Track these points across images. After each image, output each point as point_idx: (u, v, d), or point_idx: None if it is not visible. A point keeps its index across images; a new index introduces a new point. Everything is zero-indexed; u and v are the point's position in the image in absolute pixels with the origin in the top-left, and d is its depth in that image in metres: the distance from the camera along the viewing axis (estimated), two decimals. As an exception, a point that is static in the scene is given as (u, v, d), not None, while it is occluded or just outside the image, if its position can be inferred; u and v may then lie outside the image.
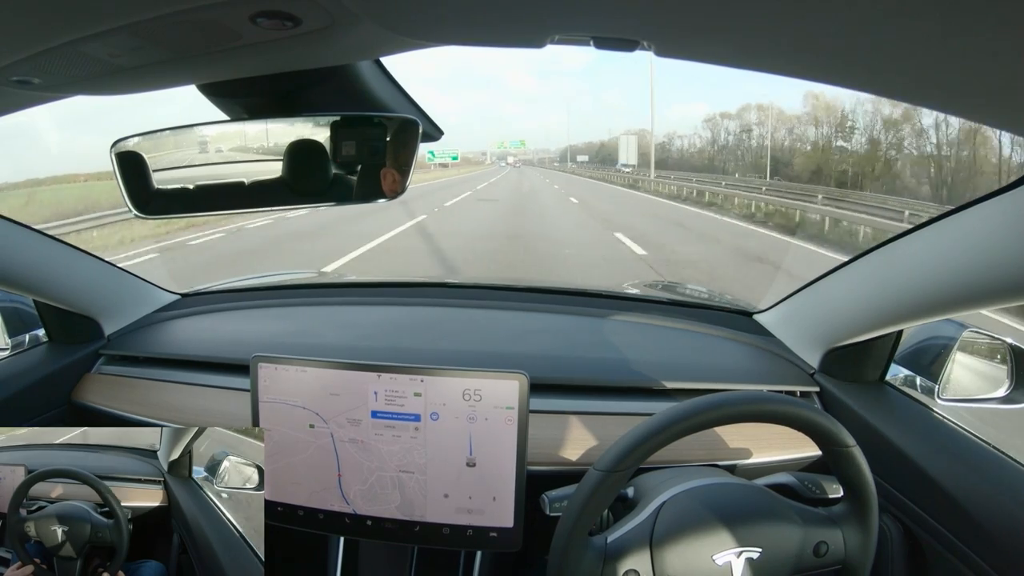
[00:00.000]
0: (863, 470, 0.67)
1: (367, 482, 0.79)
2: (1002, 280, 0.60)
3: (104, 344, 1.14)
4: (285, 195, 0.71)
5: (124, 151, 0.69)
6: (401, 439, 0.78)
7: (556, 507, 0.73)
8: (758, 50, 0.44)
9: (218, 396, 1.02)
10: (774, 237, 9.90)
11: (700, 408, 0.65)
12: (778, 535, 0.67)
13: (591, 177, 35.94)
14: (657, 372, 1.02)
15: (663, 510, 0.68)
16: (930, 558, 0.79)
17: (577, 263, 6.62)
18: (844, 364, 0.97)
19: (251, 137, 0.70)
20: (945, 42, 0.35)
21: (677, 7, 0.38)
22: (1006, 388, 0.89)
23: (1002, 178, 13.78)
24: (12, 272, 0.94)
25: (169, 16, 0.41)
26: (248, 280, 1.50)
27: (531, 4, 0.41)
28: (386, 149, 0.69)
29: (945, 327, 0.91)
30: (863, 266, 0.86)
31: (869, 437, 0.82)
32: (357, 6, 0.42)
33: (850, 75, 0.45)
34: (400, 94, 0.69)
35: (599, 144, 68.06)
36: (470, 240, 8.26)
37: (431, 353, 1.06)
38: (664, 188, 21.69)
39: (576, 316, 1.22)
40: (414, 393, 0.77)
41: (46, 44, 0.44)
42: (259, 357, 0.81)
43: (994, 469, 0.77)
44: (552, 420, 0.93)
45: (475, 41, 0.50)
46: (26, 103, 0.61)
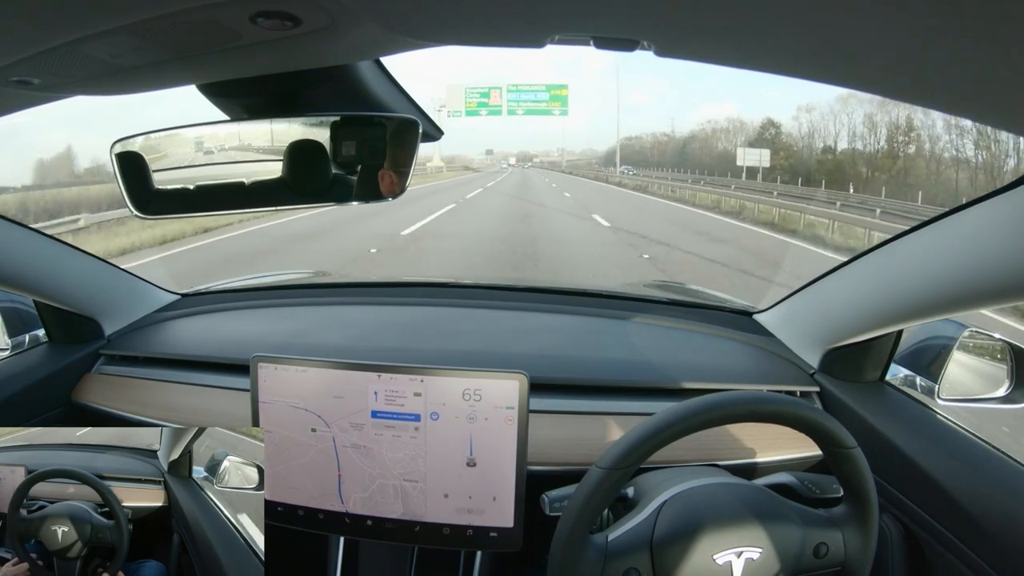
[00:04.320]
0: (863, 471, 0.67)
1: (368, 489, 0.79)
2: (1002, 280, 0.60)
3: (104, 344, 1.14)
4: (285, 195, 0.71)
5: (124, 151, 0.69)
6: (401, 439, 0.78)
7: (556, 507, 0.73)
8: (758, 50, 0.44)
9: (218, 396, 1.02)
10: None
11: (700, 408, 0.65)
12: (778, 535, 0.67)
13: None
14: (657, 372, 1.02)
15: (663, 510, 0.68)
16: (930, 558, 0.79)
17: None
18: (844, 364, 0.96)
19: (250, 137, 0.70)
20: (945, 42, 0.35)
21: (677, 7, 0.38)
22: (1006, 388, 0.89)
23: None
24: (12, 272, 0.93)
25: (169, 16, 0.41)
26: (248, 280, 1.51)
27: (531, 4, 0.41)
28: (386, 149, 0.69)
29: (945, 327, 0.91)
30: (863, 266, 0.86)
31: (869, 437, 0.82)
32: (357, 6, 0.42)
33: (850, 75, 0.45)
34: (400, 94, 0.69)
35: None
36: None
37: (431, 353, 1.06)
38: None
39: (576, 316, 1.22)
40: (414, 393, 0.77)
41: (46, 44, 0.44)
42: (259, 357, 0.81)
43: (994, 468, 0.77)
44: (552, 420, 0.93)
45: (475, 41, 0.50)
46: (26, 103, 0.61)
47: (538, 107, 37.44)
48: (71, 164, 18.60)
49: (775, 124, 38.04)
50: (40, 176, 17.08)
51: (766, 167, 28.79)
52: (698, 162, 40.68)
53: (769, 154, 30.32)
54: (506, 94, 37.17)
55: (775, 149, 33.36)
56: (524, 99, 37.24)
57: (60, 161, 18.63)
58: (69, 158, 19.57)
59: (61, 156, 20.43)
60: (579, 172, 45.76)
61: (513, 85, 37.34)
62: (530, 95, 37.00)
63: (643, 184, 26.47)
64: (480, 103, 37.84)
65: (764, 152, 30.35)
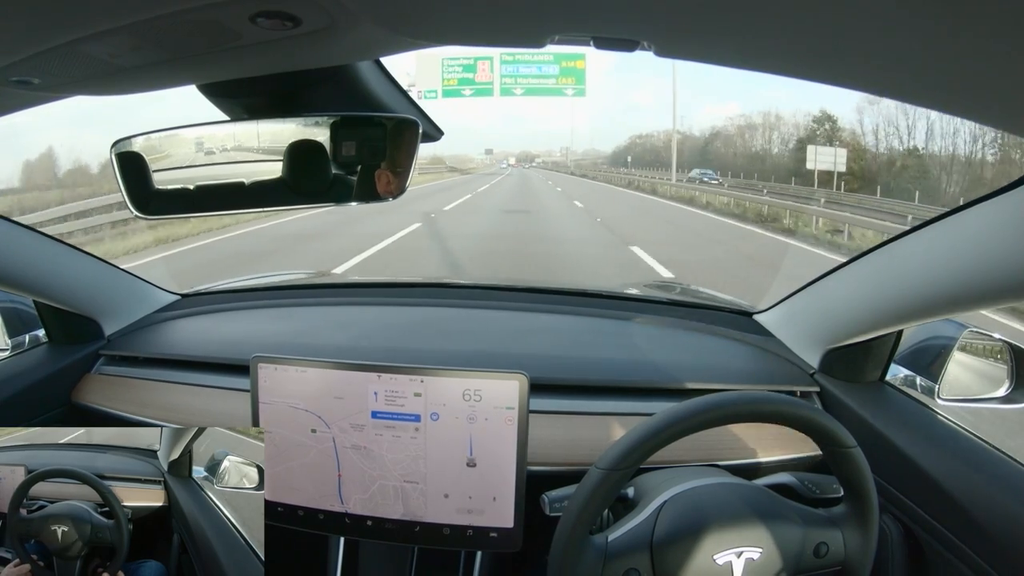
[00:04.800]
0: (863, 471, 0.67)
1: (368, 491, 0.79)
2: (1002, 280, 0.60)
3: (104, 344, 1.14)
4: (285, 195, 0.71)
5: (124, 151, 0.69)
6: (401, 440, 0.78)
7: (556, 507, 0.73)
8: (758, 50, 0.44)
9: (218, 397, 1.02)
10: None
11: (701, 408, 0.65)
12: (779, 535, 0.67)
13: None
14: (657, 372, 1.02)
15: (664, 510, 0.68)
16: (930, 558, 0.79)
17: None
18: (844, 364, 0.96)
19: (250, 137, 0.70)
20: (945, 42, 0.35)
21: (677, 7, 0.38)
22: (1006, 388, 0.89)
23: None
24: (12, 272, 0.94)
25: (169, 16, 0.41)
26: (248, 280, 1.50)
27: (531, 4, 0.41)
28: (386, 149, 0.69)
29: (945, 327, 0.91)
30: (863, 266, 0.86)
31: (869, 437, 0.82)
32: (357, 6, 0.42)
33: (850, 75, 0.45)
34: (400, 94, 0.69)
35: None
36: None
37: (431, 353, 1.06)
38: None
39: (576, 316, 1.22)
40: (414, 393, 0.77)
41: (46, 44, 0.44)
42: (259, 357, 0.81)
43: (994, 468, 0.77)
44: (552, 420, 0.93)
45: (475, 41, 0.50)
46: (26, 103, 0.61)
47: (544, 85, 26.02)
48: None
49: (830, 118, 29.94)
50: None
51: (841, 171, 21.36)
52: (723, 162, 33.77)
53: (845, 155, 22.17)
54: (499, 67, 25.16)
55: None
56: (525, 74, 25.49)
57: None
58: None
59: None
60: (591, 173, 38.23)
61: (510, 54, 23.92)
62: (532, 69, 25.41)
63: (688, 195, 18.61)
64: (463, 79, 25.56)
65: (840, 152, 22.11)
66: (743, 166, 31.25)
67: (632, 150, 51.35)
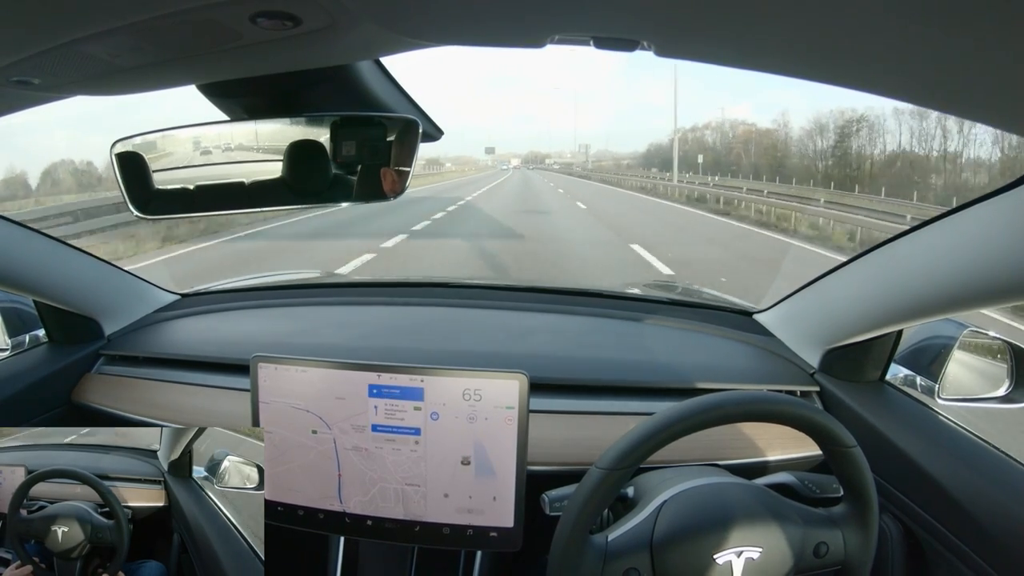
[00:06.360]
0: (863, 470, 0.67)
1: (368, 493, 0.79)
2: (1002, 280, 0.60)
3: (104, 344, 1.14)
4: (285, 195, 0.71)
5: (124, 151, 0.69)
6: (401, 451, 0.78)
7: (556, 507, 0.73)
8: (758, 50, 0.44)
9: (218, 396, 1.02)
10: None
11: (701, 408, 0.65)
12: (779, 535, 0.67)
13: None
14: (657, 372, 1.02)
15: (663, 509, 0.68)
16: (930, 558, 0.79)
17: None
18: (844, 364, 0.96)
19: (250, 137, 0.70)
20: (945, 42, 0.35)
21: (677, 7, 0.38)
22: (1006, 387, 0.89)
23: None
24: (12, 272, 0.94)
25: (169, 16, 0.41)
26: (248, 280, 1.50)
27: (531, 4, 0.41)
28: (386, 149, 0.69)
29: (945, 327, 0.91)
30: (863, 266, 0.86)
31: (869, 437, 0.82)
32: (357, 6, 0.42)
33: (850, 75, 0.45)
34: (400, 94, 0.69)
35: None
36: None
37: (431, 353, 1.06)
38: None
39: (576, 316, 1.22)
40: (414, 407, 0.77)
41: (46, 44, 0.44)
42: (259, 357, 0.81)
43: (994, 468, 0.77)
44: (552, 420, 0.93)
45: (475, 41, 0.50)
46: (26, 103, 0.61)
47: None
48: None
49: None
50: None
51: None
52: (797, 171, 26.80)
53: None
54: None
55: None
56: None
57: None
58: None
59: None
60: (612, 179, 28.66)
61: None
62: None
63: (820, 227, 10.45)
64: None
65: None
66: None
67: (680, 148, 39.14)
